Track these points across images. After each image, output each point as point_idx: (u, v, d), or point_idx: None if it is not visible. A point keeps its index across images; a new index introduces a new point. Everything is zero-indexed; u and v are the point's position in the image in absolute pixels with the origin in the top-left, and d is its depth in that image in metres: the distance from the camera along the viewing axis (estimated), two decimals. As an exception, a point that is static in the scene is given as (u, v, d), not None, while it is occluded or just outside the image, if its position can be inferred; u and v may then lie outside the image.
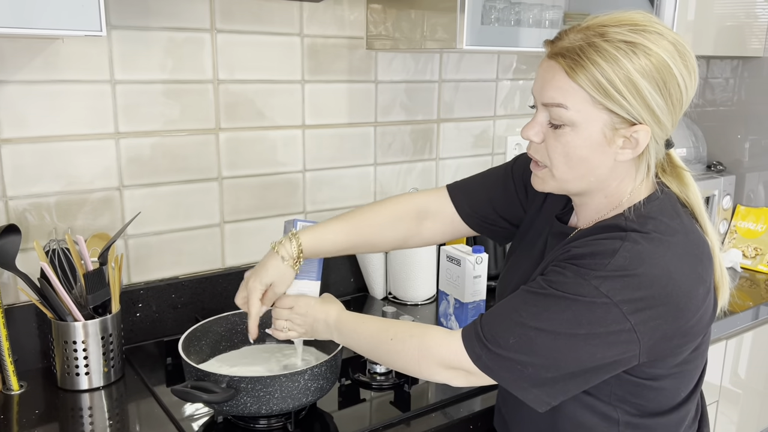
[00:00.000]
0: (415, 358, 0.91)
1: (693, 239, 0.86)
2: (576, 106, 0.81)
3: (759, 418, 1.87)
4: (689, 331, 0.84)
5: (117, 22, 1.27)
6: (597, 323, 0.79)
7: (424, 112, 1.75)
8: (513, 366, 0.83)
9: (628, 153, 0.84)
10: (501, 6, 1.40)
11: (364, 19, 1.58)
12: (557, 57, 0.82)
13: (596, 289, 0.79)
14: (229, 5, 1.39)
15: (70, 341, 1.17)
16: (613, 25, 0.80)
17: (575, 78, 0.80)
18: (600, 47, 0.79)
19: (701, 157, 2.08)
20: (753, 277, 1.93)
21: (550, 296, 0.82)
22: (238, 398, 1.00)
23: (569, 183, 0.88)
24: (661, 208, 0.87)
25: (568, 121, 0.82)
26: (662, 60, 0.79)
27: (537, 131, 0.87)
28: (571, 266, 0.83)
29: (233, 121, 1.44)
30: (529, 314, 0.82)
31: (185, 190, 1.42)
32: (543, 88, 0.84)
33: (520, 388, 0.84)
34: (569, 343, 0.80)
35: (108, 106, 1.30)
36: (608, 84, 0.78)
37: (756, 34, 1.97)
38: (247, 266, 1.52)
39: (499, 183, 1.10)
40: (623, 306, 0.79)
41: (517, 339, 0.82)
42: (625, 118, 0.81)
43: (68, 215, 1.29)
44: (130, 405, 1.17)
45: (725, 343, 1.67)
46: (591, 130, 0.82)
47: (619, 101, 0.79)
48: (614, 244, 0.82)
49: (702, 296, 0.84)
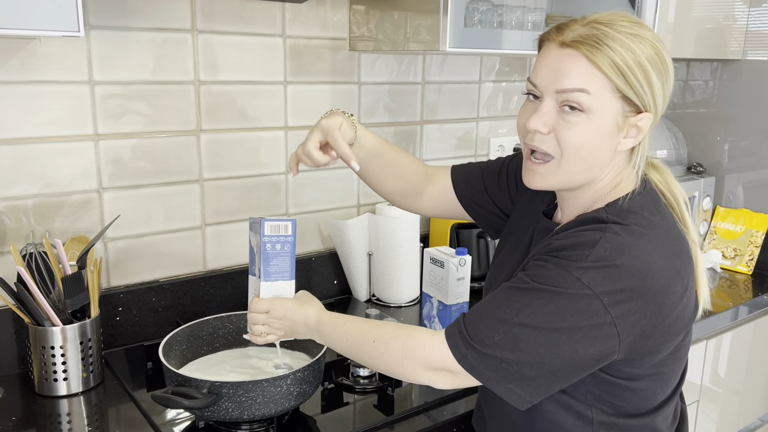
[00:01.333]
0: (398, 360, 0.90)
1: (672, 236, 0.87)
2: (597, 92, 0.82)
3: (739, 417, 1.90)
4: (667, 329, 0.85)
5: (96, 22, 1.25)
6: (579, 316, 0.80)
7: (407, 113, 1.74)
8: (498, 365, 0.82)
9: (629, 142, 0.86)
10: (484, 8, 1.40)
11: (347, 21, 1.57)
12: (575, 44, 0.82)
13: (578, 280, 0.80)
14: (210, 5, 1.37)
15: (47, 346, 1.15)
16: (615, 20, 0.84)
17: (598, 63, 0.81)
18: (613, 36, 0.81)
19: (681, 158, 2.10)
20: (732, 277, 1.95)
21: (533, 290, 0.82)
22: (220, 404, 0.99)
23: (574, 174, 0.88)
24: (642, 204, 0.88)
25: (586, 107, 0.82)
26: (659, 50, 0.84)
27: (545, 121, 0.85)
28: (553, 258, 0.84)
29: (215, 123, 1.43)
30: (513, 310, 0.82)
31: (166, 192, 1.40)
32: (561, 76, 0.83)
33: (504, 388, 0.84)
34: (553, 338, 0.80)
35: (87, 107, 1.28)
36: (627, 69, 0.81)
37: (735, 37, 1.99)
38: (229, 269, 1.51)
39: (495, 173, 1.14)
40: (604, 298, 0.79)
41: (502, 336, 0.82)
42: (636, 106, 0.84)
43: (46, 218, 1.27)
44: (109, 410, 1.15)
45: (705, 343, 1.68)
46: (606, 117, 0.83)
47: (635, 87, 0.82)
48: (594, 235, 0.82)
49: (680, 293, 0.84)
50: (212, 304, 1.48)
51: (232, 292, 1.50)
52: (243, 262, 1.53)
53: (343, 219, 1.61)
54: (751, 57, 1.99)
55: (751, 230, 2.00)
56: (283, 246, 1.04)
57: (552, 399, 0.91)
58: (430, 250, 1.46)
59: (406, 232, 1.60)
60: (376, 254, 1.63)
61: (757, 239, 1.98)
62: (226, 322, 1.24)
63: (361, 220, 1.60)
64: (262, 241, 1.04)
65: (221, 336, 1.24)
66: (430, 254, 1.45)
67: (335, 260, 1.67)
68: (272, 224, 1.04)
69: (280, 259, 1.05)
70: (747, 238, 2.00)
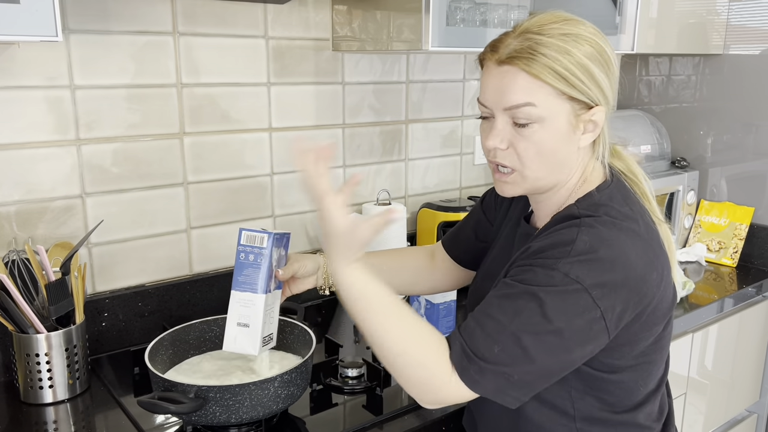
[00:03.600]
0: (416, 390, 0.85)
1: (642, 226, 0.88)
2: (543, 101, 0.84)
3: (726, 408, 1.91)
4: (647, 319, 0.86)
5: (75, 26, 1.24)
6: (573, 313, 0.80)
7: (392, 113, 1.74)
8: (500, 377, 0.81)
9: (588, 137, 0.88)
10: (466, 6, 1.40)
11: (330, 21, 1.57)
12: (511, 60, 0.84)
13: (566, 276, 0.80)
14: (191, 8, 1.37)
15: (32, 354, 1.14)
16: (546, 24, 0.85)
17: (538, 75, 0.83)
18: (547, 43, 0.83)
19: (665, 153, 2.12)
20: (717, 270, 1.97)
21: (524, 294, 0.82)
22: (207, 408, 0.99)
23: (542, 180, 0.90)
24: (611, 196, 0.90)
25: (536, 118, 0.84)
26: (597, 43, 0.86)
27: (502, 138, 0.88)
28: (536, 260, 0.84)
29: (198, 125, 1.42)
30: (507, 318, 0.81)
31: (150, 196, 1.39)
32: (504, 94, 0.86)
33: (500, 394, 0.83)
34: (551, 340, 0.80)
35: (68, 112, 1.27)
36: (567, 72, 0.83)
37: (717, 30, 2.01)
38: (216, 272, 1.50)
39: (475, 215, 1.19)
40: (593, 291, 0.80)
41: (502, 347, 0.80)
42: (585, 103, 0.86)
43: (28, 224, 1.26)
44: (97, 417, 1.14)
45: (692, 336, 1.70)
46: (558, 121, 0.85)
47: (579, 87, 0.84)
48: (571, 233, 0.84)
49: (656, 282, 0.85)
50: (199, 308, 1.47)
51: (218, 295, 1.50)
52: (229, 265, 1.52)
53: (330, 219, 1.61)
54: (732, 51, 2.01)
55: (735, 223, 2.02)
56: (257, 258, 1.03)
57: (535, 398, 0.91)
58: (416, 249, 1.46)
59: (393, 231, 1.60)
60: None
61: (740, 232, 2.00)
62: (212, 326, 1.23)
63: (347, 221, 1.60)
64: (237, 249, 1.03)
65: (208, 340, 1.23)
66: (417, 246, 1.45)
67: (322, 261, 1.66)
68: (249, 234, 1.03)
69: (250, 271, 1.03)
70: (731, 231, 2.02)
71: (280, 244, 1.07)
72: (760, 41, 1.95)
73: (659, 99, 2.22)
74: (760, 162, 1.98)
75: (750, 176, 2.01)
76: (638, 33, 1.69)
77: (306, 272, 1.13)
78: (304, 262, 1.12)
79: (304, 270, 1.12)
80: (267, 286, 1.03)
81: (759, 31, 1.95)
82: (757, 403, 2.03)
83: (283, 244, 1.09)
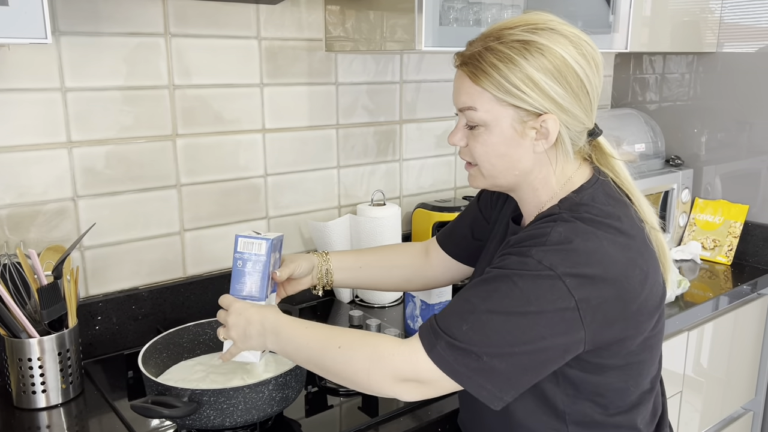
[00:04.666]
0: (365, 368, 0.87)
1: (626, 223, 0.88)
2: (484, 106, 0.88)
3: (722, 406, 1.92)
4: (632, 317, 0.85)
5: (66, 28, 1.23)
6: (544, 299, 0.80)
7: (386, 113, 1.74)
8: (467, 357, 0.82)
9: (542, 144, 0.90)
10: (459, 6, 1.40)
11: (323, 21, 1.56)
12: (462, 66, 0.91)
13: (539, 263, 0.81)
14: (183, 9, 1.36)
15: (25, 358, 1.13)
16: (509, 28, 0.88)
17: (478, 82, 0.88)
18: (496, 50, 0.86)
19: (659, 151, 2.12)
20: (712, 268, 1.97)
21: (497, 278, 0.84)
22: (201, 411, 0.98)
23: (497, 178, 0.94)
24: (593, 196, 0.91)
25: (480, 122, 0.89)
26: (556, 53, 0.86)
27: (460, 136, 0.94)
28: (513, 249, 0.86)
29: (191, 127, 1.42)
30: (479, 299, 0.84)
31: (143, 199, 1.38)
32: (456, 95, 0.93)
33: (474, 384, 0.83)
34: (520, 323, 0.81)
35: (59, 115, 1.26)
36: (507, 82, 0.86)
37: (711, 29, 2.01)
38: (210, 274, 1.49)
39: (471, 213, 1.19)
40: (566, 279, 0.80)
41: (470, 325, 0.82)
42: (530, 111, 0.87)
43: (20, 228, 1.25)
44: (90, 421, 1.14)
45: (687, 334, 1.70)
46: (502, 126, 0.89)
47: (520, 96, 0.86)
48: (547, 227, 0.86)
49: (638, 280, 0.85)
50: (193, 311, 1.47)
51: (213, 297, 1.49)
52: (223, 267, 1.52)
53: (324, 220, 1.61)
54: (726, 49, 2.01)
55: (730, 221, 2.02)
56: (255, 265, 1.02)
57: (525, 402, 0.91)
58: (411, 250, 1.46)
59: (387, 232, 1.60)
60: (358, 255, 1.62)
61: (735, 230, 2.00)
62: (206, 329, 1.23)
63: (342, 221, 1.60)
64: (233, 256, 1.02)
65: (202, 342, 1.23)
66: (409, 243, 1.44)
67: (317, 262, 1.66)
68: (245, 240, 1.02)
69: (248, 278, 1.02)
70: (725, 229, 2.02)
71: (276, 248, 1.06)
72: (753, 39, 1.95)
73: (653, 97, 2.22)
74: (754, 160, 1.99)
75: (744, 174, 2.02)
76: (632, 31, 1.69)
77: (301, 273, 1.14)
78: (300, 263, 1.13)
79: (299, 271, 1.13)
80: (265, 292, 1.03)
81: (752, 29, 1.95)
82: (753, 400, 2.03)
83: (278, 247, 1.08)
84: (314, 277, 1.17)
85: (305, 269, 1.14)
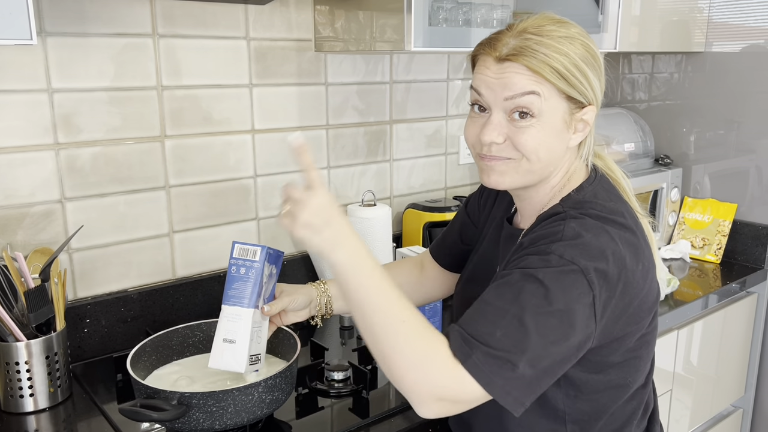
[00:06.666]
0: (414, 362, 0.77)
1: (629, 219, 0.89)
2: (545, 94, 0.85)
3: (712, 404, 1.93)
4: (634, 312, 0.86)
5: (52, 29, 1.22)
6: (569, 295, 0.78)
7: (376, 113, 1.74)
8: (505, 365, 0.76)
9: (578, 136, 0.91)
10: (449, 6, 1.39)
11: (312, 21, 1.56)
12: (514, 58, 0.85)
13: (561, 257, 0.80)
14: (170, 9, 1.35)
15: (12, 362, 1.12)
16: (543, 25, 0.87)
17: (540, 71, 0.84)
18: (546, 44, 0.85)
19: (649, 151, 2.13)
20: (702, 266, 1.98)
21: (522, 278, 0.80)
22: (190, 414, 0.97)
23: (532, 174, 0.91)
24: (595, 193, 0.91)
25: (537, 111, 0.86)
26: (587, 45, 0.88)
27: (499, 132, 0.88)
28: (530, 249, 0.84)
29: (179, 128, 1.41)
30: (506, 301, 0.79)
31: (131, 200, 1.37)
32: (506, 86, 0.86)
33: (503, 392, 0.78)
34: (549, 323, 0.77)
35: (46, 116, 1.25)
36: (567, 72, 0.85)
37: (700, 28, 2.02)
38: (200, 276, 1.49)
39: (460, 219, 1.18)
40: (588, 273, 0.79)
41: (504, 330, 0.77)
42: (579, 102, 0.88)
43: (7, 230, 1.24)
44: (79, 425, 1.13)
45: (677, 332, 1.70)
46: (555, 117, 0.87)
47: (577, 86, 0.86)
48: (558, 225, 0.85)
49: (641, 274, 0.85)
50: (183, 313, 1.46)
51: (203, 299, 1.48)
52: (213, 269, 1.51)
53: (315, 221, 1.60)
54: (714, 49, 2.02)
55: (719, 220, 2.03)
56: (248, 271, 1.01)
57: None
58: (402, 250, 1.46)
59: (378, 232, 1.60)
60: (348, 256, 1.62)
61: (724, 228, 2.01)
62: (196, 331, 1.22)
63: (332, 222, 1.59)
64: (229, 262, 1.02)
65: (192, 345, 1.22)
66: (403, 254, 1.44)
67: (308, 263, 1.65)
68: (241, 247, 1.02)
69: (240, 284, 1.01)
70: (714, 228, 2.03)
71: (273, 261, 1.05)
72: (741, 38, 1.96)
73: (642, 97, 2.23)
74: (743, 158, 2.00)
75: (733, 173, 2.03)
76: (621, 31, 1.69)
77: (297, 306, 1.09)
78: (295, 296, 1.09)
79: (294, 304, 1.09)
80: (255, 301, 1.01)
81: (740, 28, 1.96)
82: (743, 398, 2.05)
83: (276, 261, 1.06)
84: (312, 309, 1.12)
85: (301, 303, 1.10)
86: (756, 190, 1.98)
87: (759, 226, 1.96)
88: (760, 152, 1.96)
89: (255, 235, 1.56)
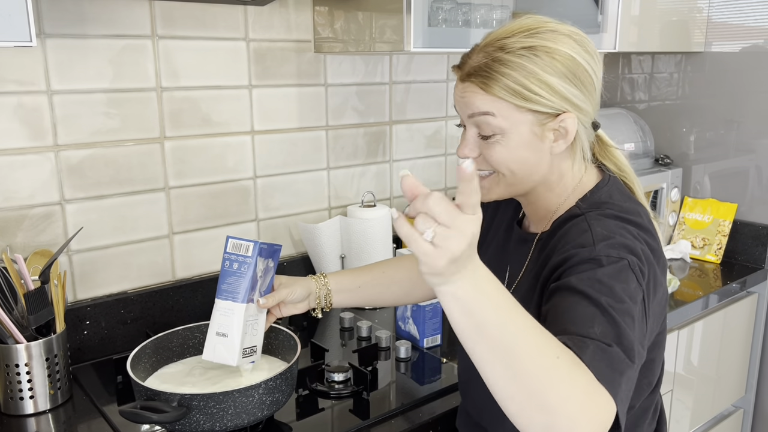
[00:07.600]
0: (577, 406, 0.64)
1: (645, 220, 0.89)
2: (501, 113, 0.85)
3: (713, 404, 1.93)
4: (655, 309, 0.85)
5: (51, 30, 1.22)
6: (632, 290, 0.77)
7: (375, 114, 1.74)
8: (632, 377, 0.73)
9: (561, 144, 0.89)
10: (448, 7, 1.39)
11: (311, 22, 1.56)
12: (469, 78, 0.87)
13: (607, 257, 0.78)
14: (170, 11, 1.35)
15: (12, 364, 1.12)
16: (508, 36, 0.86)
17: (492, 92, 0.85)
18: (503, 59, 0.84)
19: (649, 151, 2.13)
20: (702, 266, 1.98)
21: (603, 277, 0.76)
22: (191, 416, 0.97)
23: (517, 185, 0.92)
24: (610, 193, 0.91)
25: (497, 129, 0.86)
26: (564, 53, 0.85)
27: (471, 148, 0.91)
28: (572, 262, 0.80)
29: (179, 129, 1.41)
30: (609, 301, 0.74)
31: (131, 202, 1.37)
32: (465, 106, 0.89)
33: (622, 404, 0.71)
34: (632, 322, 0.75)
35: (45, 118, 1.25)
36: (523, 89, 0.84)
37: (699, 28, 2.02)
38: (199, 277, 1.48)
39: None
40: (635, 269, 0.78)
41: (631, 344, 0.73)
42: (549, 113, 0.86)
43: (6, 232, 1.24)
44: (79, 427, 1.12)
45: (677, 332, 1.70)
46: (521, 131, 0.86)
47: (537, 101, 0.84)
48: (581, 225, 0.84)
49: (661, 274, 0.86)
50: (183, 314, 1.46)
51: (202, 301, 1.48)
52: (213, 270, 1.51)
53: (314, 222, 1.60)
54: (714, 49, 2.02)
55: (719, 219, 2.03)
56: (241, 266, 1.01)
57: None
58: (402, 251, 1.45)
59: (378, 233, 1.60)
60: (348, 256, 1.62)
61: (724, 228, 2.01)
62: (196, 332, 1.22)
63: (332, 223, 1.59)
64: (222, 257, 1.02)
65: (192, 346, 1.22)
66: (403, 254, 1.44)
67: (307, 264, 1.65)
68: (235, 242, 1.02)
69: (233, 279, 1.01)
70: (715, 228, 2.03)
71: (268, 255, 1.05)
72: (740, 38, 1.96)
73: (642, 97, 2.22)
74: (743, 158, 2.00)
75: (733, 173, 2.03)
76: (620, 31, 1.69)
77: (296, 298, 1.09)
78: (293, 288, 1.09)
79: (292, 296, 1.09)
80: (248, 295, 1.02)
81: (740, 28, 1.96)
82: (743, 398, 2.05)
83: (272, 255, 1.06)
84: (312, 301, 1.13)
85: (300, 295, 1.10)
86: (756, 190, 1.98)
87: (759, 226, 1.96)
88: (760, 152, 1.96)
89: (255, 237, 1.56)
